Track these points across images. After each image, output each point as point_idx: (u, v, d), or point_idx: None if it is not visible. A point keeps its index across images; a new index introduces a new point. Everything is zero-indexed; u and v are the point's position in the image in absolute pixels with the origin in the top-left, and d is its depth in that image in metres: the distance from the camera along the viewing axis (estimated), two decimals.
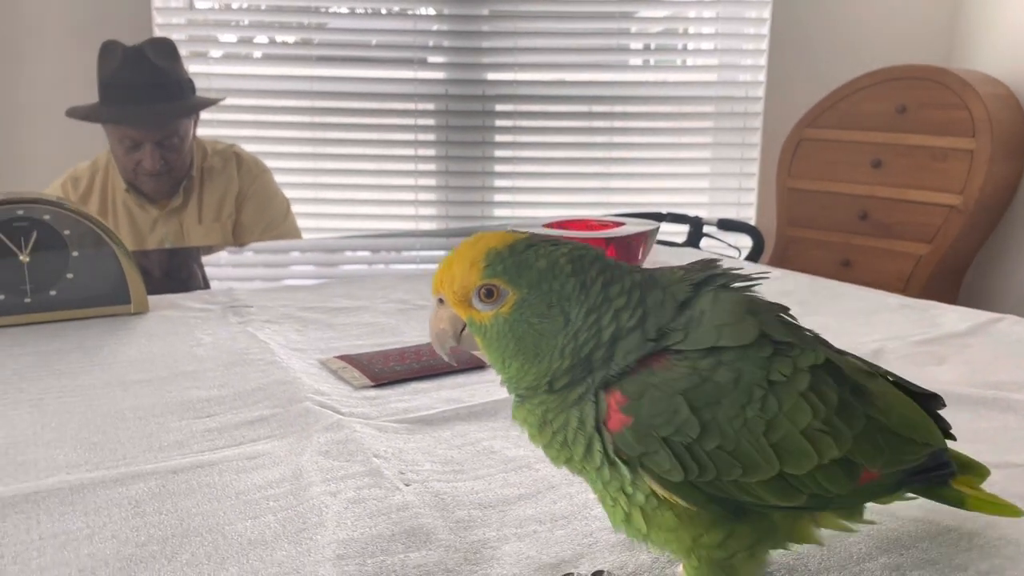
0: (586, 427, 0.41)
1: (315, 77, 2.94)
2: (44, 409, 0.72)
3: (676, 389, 0.40)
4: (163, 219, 2.01)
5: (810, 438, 0.41)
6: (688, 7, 3.02)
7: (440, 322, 0.45)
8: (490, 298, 0.42)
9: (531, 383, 0.43)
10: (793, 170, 2.59)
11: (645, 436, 0.40)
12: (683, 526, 0.42)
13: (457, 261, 0.43)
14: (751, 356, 0.41)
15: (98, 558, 0.48)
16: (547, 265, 0.42)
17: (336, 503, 0.54)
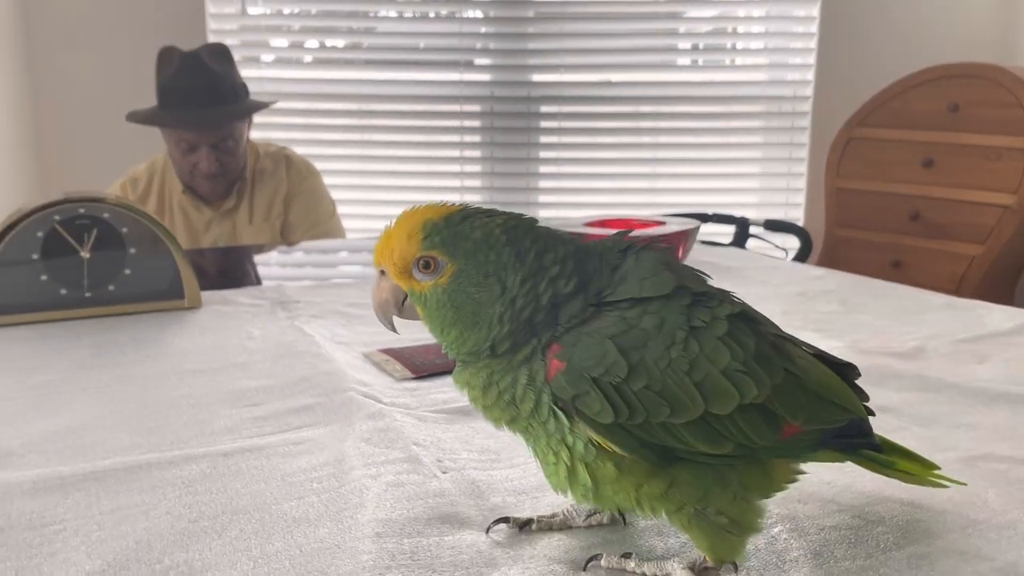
0: (536, 383, 0.44)
1: (363, 80, 2.99)
2: (104, 397, 0.75)
3: (605, 335, 0.43)
4: (217, 220, 2.07)
5: (730, 378, 0.44)
6: (737, 6, 3.00)
7: (382, 292, 0.48)
8: (428, 269, 0.45)
9: (471, 348, 0.45)
10: (842, 170, 2.56)
11: (577, 379, 0.43)
12: (623, 476, 0.44)
13: (396, 234, 0.46)
14: (673, 306, 0.45)
15: (153, 532, 0.51)
16: (482, 236, 0.45)
17: (376, 486, 0.56)
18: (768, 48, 3.01)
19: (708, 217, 2.70)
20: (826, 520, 0.53)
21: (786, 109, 2.98)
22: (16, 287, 1.00)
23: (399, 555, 0.48)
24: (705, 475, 0.45)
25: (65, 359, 0.86)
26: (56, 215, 1.02)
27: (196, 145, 1.94)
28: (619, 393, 0.42)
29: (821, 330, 0.97)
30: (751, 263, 1.33)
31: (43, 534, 0.51)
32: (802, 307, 1.08)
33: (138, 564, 0.47)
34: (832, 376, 0.50)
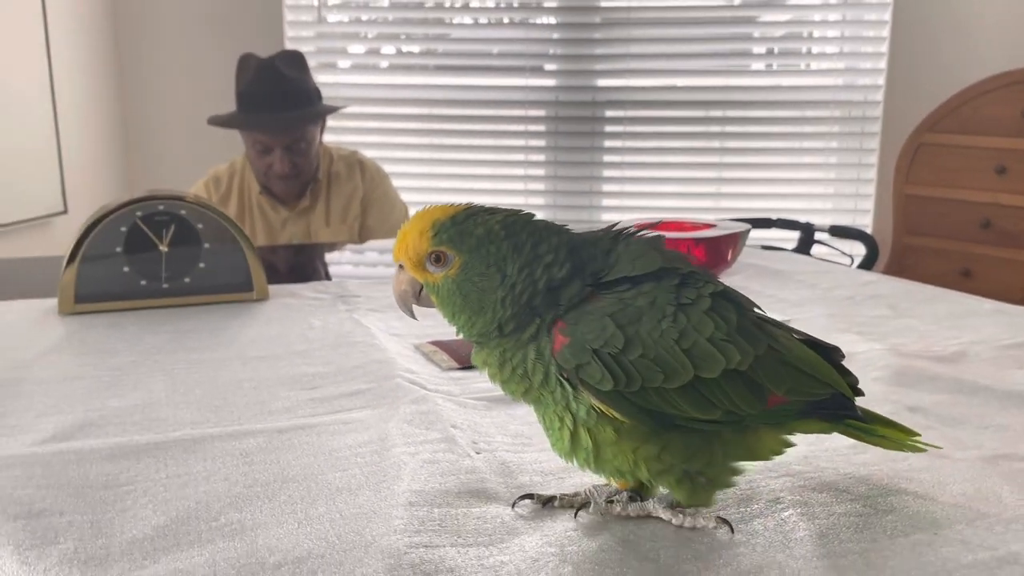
0: (544, 357, 0.50)
1: (434, 86, 3.07)
2: (175, 378, 0.82)
3: (604, 312, 0.49)
4: (292, 220, 2.16)
5: (715, 345, 0.49)
6: (808, 11, 2.97)
7: (400, 284, 0.54)
8: (439, 263, 0.51)
9: (481, 330, 0.51)
10: (911, 176, 2.51)
11: (580, 350, 0.48)
12: (621, 439, 0.50)
13: (410, 232, 0.52)
14: (663, 286, 0.50)
15: (212, 495, 0.57)
16: (484, 232, 0.50)
17: (413, 462, 0.61)
18: (839, 53, 2.97)
19: (772, 222, 2.68)
20: (836, 507, 0.56)
21: (856, 114, 2.94)
22: (101, 278, 1.09)
23: (428, 521, 0.52)
24: (693, 440, 0.51)
25: (142, 344, 0.93)
26: (138, 211, 1.10)
27: (270, 147, 2.04)
28: (617, 362, 0.48)
29: (864, 333, 0.98)
30: (802, 267, 1.34)
31: (116, 493, 0.57)
32: (849, 311, 1.09)
33: (197, 521, 0.53)
34: (813, 355, 0.55)
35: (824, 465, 0.62)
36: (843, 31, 2.95)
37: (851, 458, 0.63)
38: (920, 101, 2.58)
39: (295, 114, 2.03)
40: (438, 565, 0.47)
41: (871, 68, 2.91)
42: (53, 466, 0.60)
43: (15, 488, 0.56)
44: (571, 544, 0.50)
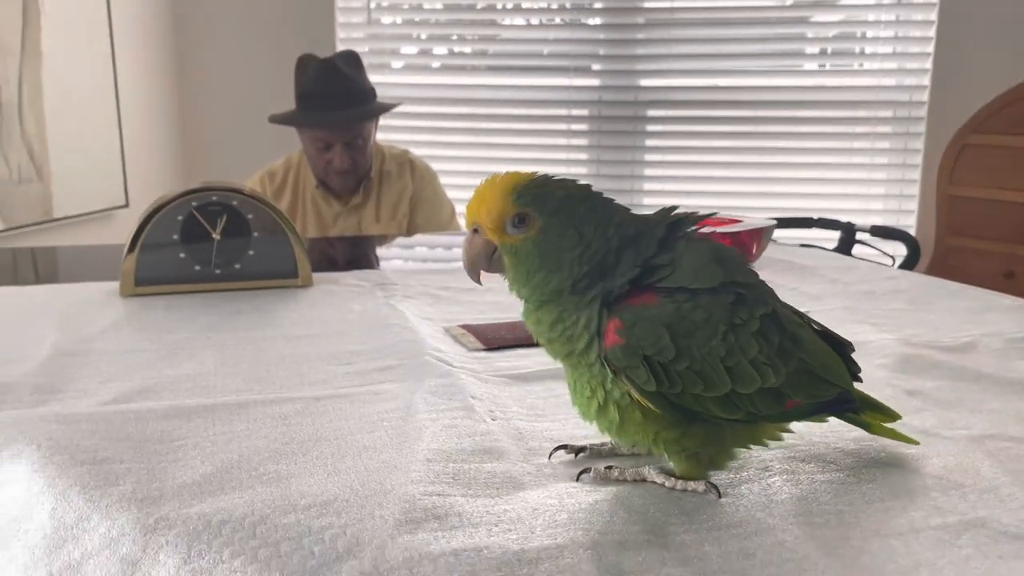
0: (591, 328, 0.53)
1: (479, 86, 3.13)
2: (224, 353, 0.90)
3: (661, 322, 0.52)
4: (344, 215, 2.25)
5: (756, 367, 0.53)
6: (855, 11, 2.97)
7: (475, 248, 0.56)
8: (522, 224, 0.54)
9: (556, 287, 0.54)
10: (955, 177, 2.50)
11: (631, 354, 0.52)
12: (647, 422, 0.54)
13: (490, 196, 0.54)
14: (719, 302, 0.53)
15: (253, 449, 0.63)
16: (564, 195, 0.54)
17: (434, 426, 0.67)
18: (884, 53, 2.96)
19: (813, 222, 2.69)
20: (820, 476, 0.60)
21: (901, 114, 2.93)
22: (158, 263, 1.17)
23: (443, 475, 0.58)
24: (711, 430, 0.56)
25: (195, 323, 1.01)
26: (194, 202, 1.18)
27: (331, 144, 2.13)
28: (664, 370, 0.52)
29: (877, 324, 1.01)
30: (826, 262, 1.37)
31: (170, 446, 0.64)
32: (867, 304, 1.12)
33: (239, 470, 0.60)
34: (831, 355, 0.59)
35: (816, 440, 0.67)
36: (888, 31, 2.94)
37: (843, 434, 0.68)
38: (965, 101, 2.56)
39: (355, 111, 2.11)
40: (448, 510, 0.53)
41: (917, 68, 2.89)
42: (115, 423, 0.68)
43: (82, 439, 0.64)
44: (569, 497, 0.56)
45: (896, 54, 2.93)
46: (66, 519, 0.53)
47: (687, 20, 2.99)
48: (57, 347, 0.89)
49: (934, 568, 0.48)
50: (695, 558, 0.49)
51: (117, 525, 0.52)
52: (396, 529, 0.50)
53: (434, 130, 3.20)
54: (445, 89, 3.18)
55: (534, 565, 0.47)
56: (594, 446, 0.63)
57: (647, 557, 0.48)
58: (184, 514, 0.52)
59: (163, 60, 3.19)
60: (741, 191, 3.09)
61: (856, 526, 0.53)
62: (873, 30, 2.97)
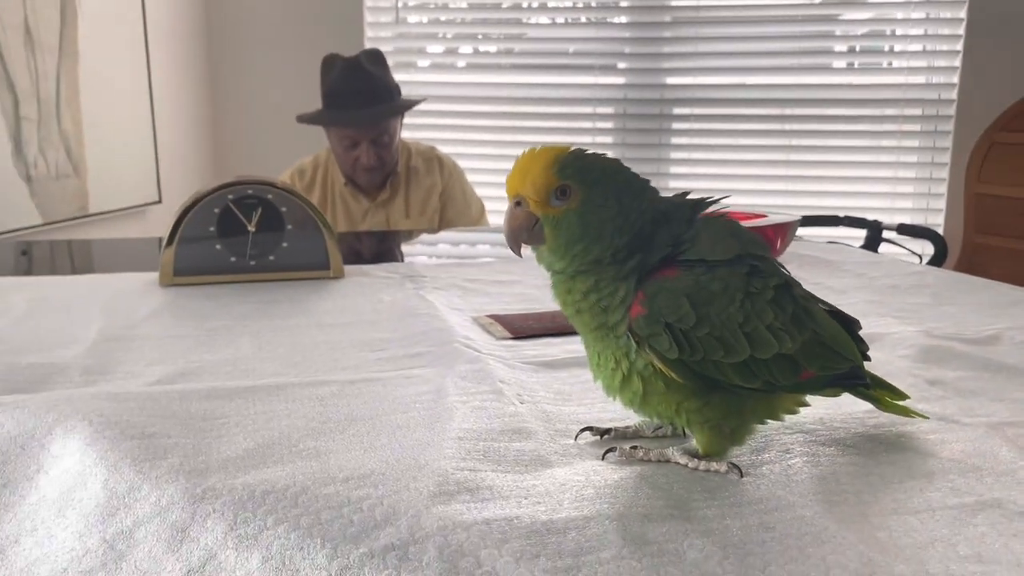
0: (626, 301, 0.56)
1: (506, 84, 3.16)
2: (260, 339, 0.93)
3: (682, 291, 0.55)
4: (372, 210, 2.29)
5: (772, 332, 0.55)
6: (884, 9, 2.96)
7: (517, 220, 0.57)
8: (564, 196, 0.55)
9: (596, 257, 0.56)
10: (983, 175, 2.49)
11: (654, 322, 0.55)
12: (669, 392, 0.57)
13: (533, 169, 0.56)
14: (735, 272, 0.56)
15: (292, 428, 0.66)
16: (602, 167, 0.56)
17: (464, 408, 0.69)
18: (912, 51, 2.95)
19: (840, 220, 2.69)
20: (840, 458, 0.62)
21: (929, 112, 2.91)
22: (196, 254, 1.21)
23: (474, 452, 0.60)
24: (731, 401, 0.58)
25: (231, 311, 1.04)
26: (230, 195, 1.21)
27: (357, 141, 2.16)
28: (685, 336, 0.55)
29: (901, 317, 1.02)
30: (851, 257, 1.38)
31: (213, 424, 0.67)
32: (891, 298, 1.13)
33: (279, 446, 0.62)
34: (842, 333, 0.62)
35: (838, 426, 0.68)
36: (917, 29, 2.92)
37: (865, 421, 0.69)
38: (994, 99, 2.55)
39: (380, 109, 2.15)
40: (479, 483, 0.55)
41: (946, 66, 2.88)
42: (161, 401, 0.71)
43: (131, 416, 0.67)
44: (595, 474, 0.58)
45: (925, 52, 2.92)
46: (118, 489, 0.56)
47: (714, 19, 3.00)
48: (103, 332, 0.93)
49: (949, 544, 0.50)
50: (716, 531, 0.51)
51: (167, 495, 0.55)
52: (430, 500, 0.52)
53: (460, 128, 3.23)
54: (471, 88, 3.21)
55: (562, 534, 0.49)
56: (618, 428, 0.65)
57: (670, 528, 0.50)
58: (230, 485, 0.55)
59: (196, 60, 3.25)
60: (768, 189, 3.09)
61: (874, 504, 0.55)
62: (902, 28, 2.96)
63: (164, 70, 3.02)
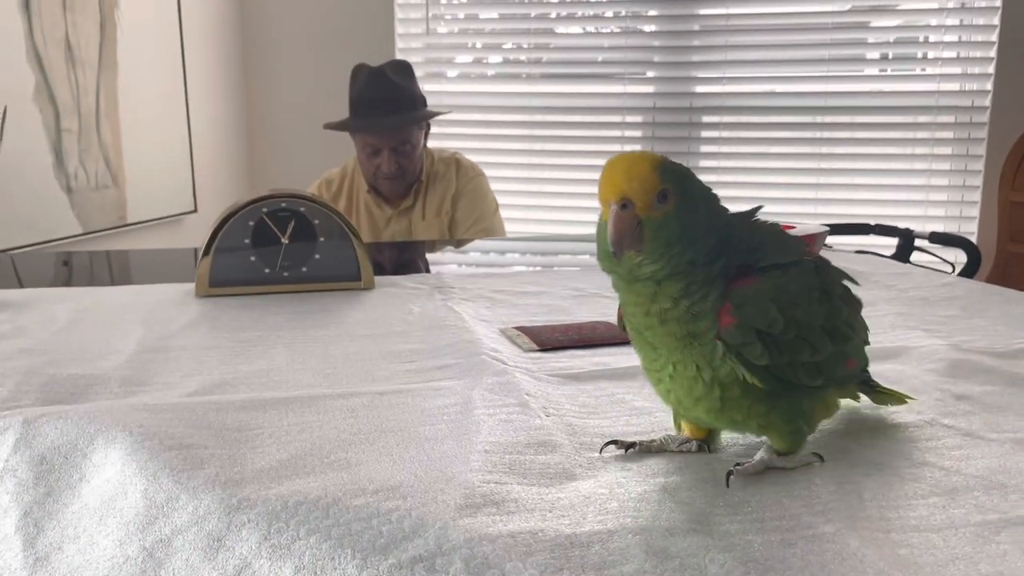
0: (715, 308, 0.58)
1: (535, 93, 3.18)
2: (294, 350, 0.95)
3: (767, 297, 0.58)
4: (395, 218, 2.32)
5: (848, 325, 0.62)
6: (916, 15, 2.93)
7: (626, 222, 0.56)
8: (664, 199, 0.56)
9: (690, 259, 0.57)
10: (1017, 183, 2.46)
11: (747, 331, 0.57)
12: (743, 397, 0.59)
13: (640, 172, 0.56)
14: (806, 272, 0.60)
15: (324, 439, 0.68)
16: (688, 173, 0.58)
17: (491, 420, 0.71)
18: (946, 58, 2.92)
19: (871, 228, 2.66)
20: (865, 476, 0.62)
21: (963, 120, 2.88)
22: (231, 266, 1.23)
23: (500, 464, 0.62)
24: (793, 403, 0.61)
25: (265, 322, 1.07)
26: (264, 208, 1.24)
27: (379, 149, 2.19)
28: (775, 342, 0.58)
29: (930, 330, 1.02)
30: (882, 268, 1.37)
31: (247, 435, 0.69)
32: (921, 310, 1.13)
33: (312, 457, 0.64)
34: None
35: (865, 442, 0.69)
36: (950, 36, 2.90)
37: (892, 435, 0.70)
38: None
39: (401, 117, 2.18)
40: (505, 496, 0.57)
41: (979, 73, 2.85)
42: (197, 412, 0.73)
43: (169, 427, 0.69)
44: (619, 487, 0.59)
45: (958, 59, 2.89)
46: (157, 499, 0.58)
47: (743, 27, 2.99)
48: (141, 343, 0.95)
49: (970, 562, 0.50)
50: (738, 546, 0.51)
51: (203, 504, 0.57)
52: (457, 512, 0.54)
53: (490, 137, 3.25)
54: (501, 97, 3.23)
55: (586, 548, 0.50)
56: (643, 442, 0.66)
57: (692, 543, 0.51)
58: (264, 495, 0.57)
59: (230, 73, 3.31)
60: (799, 197, 3.07)
61: (896, 521, 0.55)
62: (935, 35, 2.93)
63: (200, 81, 3.08)
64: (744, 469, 0.61)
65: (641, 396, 0.79)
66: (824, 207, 3.02)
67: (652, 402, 0.77)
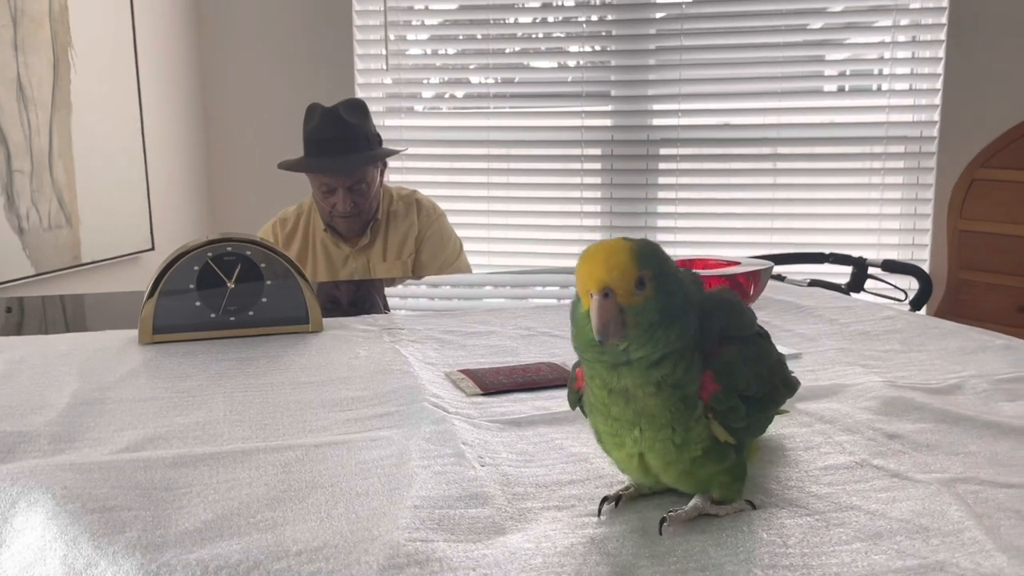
0: (696, 380, 0.60)
1: (493, 127, 3.21)
2: (233, 400, 0.94)
3: (742, 364, 0.62)
4: (353, 256, 2.31)
5: (791, 379, 0.71)
6: (866, 49, 3.01)
7: (609, 311, 0.57)
8: (642, 285, 0.57)
9: (675, 338, 0.58)
10: (965, 212, 2.51)
11: (731, 396, 0.61)
12: (705, 456, 0.62)
13: (619, 261, 0.57)
14: (762, 337, 0.69)
15: (253, 496, 0.67)
16: (661, 254, 0.59)
17: (425, 473, 0.70)
18: (896, 90, 2.99)
19: (825, 257, 2.71)
20: (791, 519, 0.63)
21: (913, 150, 2.95)
22: (175, 311, 1.22)
23: (428, 521, 0.61)
24: (740, 456, 0.64)
25: (208, 370, 1.06)
26: (209, 252, 1.23)
27: (334, 188, 2.19)
28: (753, 401, 0.63)
29: (867, 366, 1.03)
30: (826, 302, 1.39)
31: (175, 494, 0.68)
32: (861, 345, 1.14)
33: (238, 517, 0.63)
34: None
35: (793, 484, 0.69)
36: (901, 68, 2.97)
37: (819, 478, 0.70)
38: (974, 137, 2.58)
39: (355, 157, 2.18)
40: (429, 556, 0.56)
41: (927, 104, 2.92)
42: (125, 471, 0.72)
43: (94, 488, 0.68)
44: (546, 540, 0.59)
45: (910, 91, 2.96)
46: (76, 565, 0.57)
47: (696, 61, 3.05)
48: (76, 396, 0.94)
49: None
50: None
51: (123, 571, 0.56)
52: (379, 574, 0.53)
53: (450, 171, 3.27)
54: (459, 131, 3.25)
55: None
56: (622, 492, 0.66)
57: None
58: (184, 560, 0.56)
59: (188, 108, 3.29)
60: (755, 227, 3.11)
61: (818, 568, 0.56)
62: (887, 67, 3.01)
63: (157, 118, 3.06)
64: (677, 516, 0.61)
65: (579, 441, 0.79)
66: (780, 236, 3.06)
67: (588, 447, 0.77)
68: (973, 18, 2.75)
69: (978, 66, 2.76)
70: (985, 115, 2.66)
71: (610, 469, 0.72)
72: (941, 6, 2.81)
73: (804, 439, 0.79)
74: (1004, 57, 2.73)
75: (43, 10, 2.49)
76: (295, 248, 2.31)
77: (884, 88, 3.02)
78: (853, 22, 3.00)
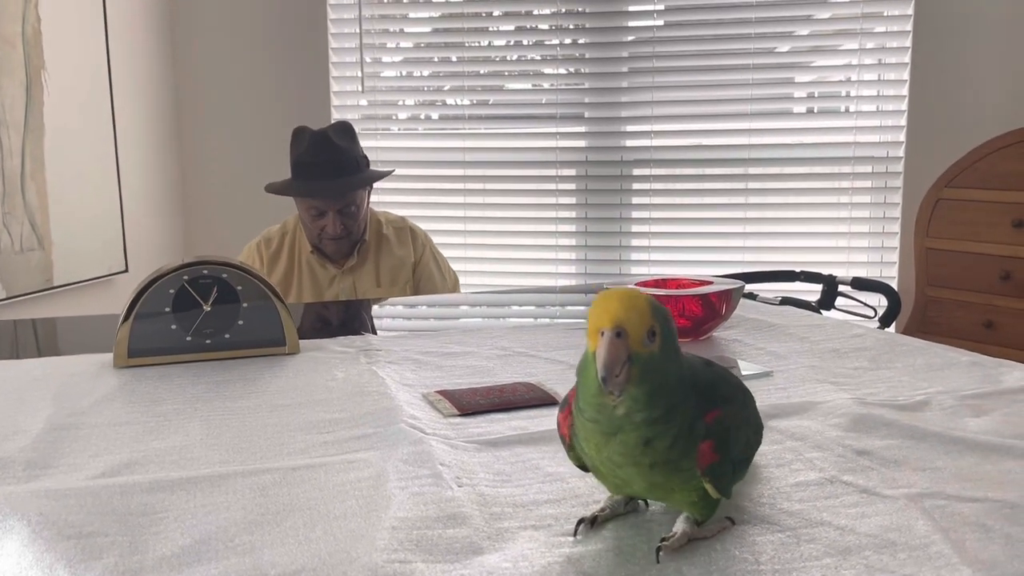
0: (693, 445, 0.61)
1: (469, 148, 3.23)
2: (210, 423, 0.94)
3: (735, 428, 0.64)
4: (339, 277, 2.31)
5: (760, 429, 0.72)
6: (834, 71, 3.07)
7: (619, 350, 0.56)
8: (652, 338, 0.57)
9: (672, 401, 0.59)
10: (932, 230, 2.57)
11: (725, 463, 0.62)
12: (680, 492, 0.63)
13: (636, 305, 0.57)
14: (742, 401, 0.69)
15: (230, 520, 0.67)
16: (668, 314, 0.60)
17: (402, 494, 0.71)
18: (863, 111, 3.05)
19: (796, 275, 2.75)
20: (762, 536, 0.64)
21: (879, 169, 3.01)
22: (151, 334, 1.22)
23: (407, 542, 0.62)
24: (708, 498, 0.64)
25: (184, 394, 1.05)
26: (185, 275, 1.23)
27: (324, 211, 2.19)
28: (742, 462, 0.67)
29: (838, 383, 1.05)
30: (795, 321, 1.42)
31: (152, 519, 0.68)
32: (830, 363, 1.16)
33: (216, 541, 0.64)
34: None
35: (765, 501, 0.71)
36: (868, 91, 3.03)
37: (791, 495, 0.72)
38: (939, 157, 2.64)
39: (347, 180, 2.18)
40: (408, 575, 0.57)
41: (893, 125, 2.98)
42: (101, 497, 0.72)
43: (70, 514, 0.68)
44: (523, 560, 0.60)
45: (877, 112, 3.02)
46: None
47: (667, 83, 3.09)
48: (51, 421, 0.93)
49: None
50: None
51: None
52: None
53: (425, 191, 3.28)
54: (435, 152, 3.27)
55: None
56: (598, 513, 0.66)
57: None
58: None
59: (163, 130, 3.28)
60: (727, 245, 3.15)
61: None
62: (854, 89, 3.07)
63: (131, 140, 3.05)
64: (671, 544, 0.62)
65: (555, 461, 0.80)
66: (752, 255, 3.10)
67: (564, 467, 0.78)
68: (937, 42, 2.82)
69: (942, 88, 2.83)
70: (949, 136, 2.73)
71: (586, 489, 0.73)
72: (905, 30, 2.88)
73: (775, 456, 0.80)
74: (967, 80, 2.80)
75: (16, 31, 2.48)
76: (280, 269, 2.31)
77: (852, 110, 3.08)
78: (820, 45, 3.06)
